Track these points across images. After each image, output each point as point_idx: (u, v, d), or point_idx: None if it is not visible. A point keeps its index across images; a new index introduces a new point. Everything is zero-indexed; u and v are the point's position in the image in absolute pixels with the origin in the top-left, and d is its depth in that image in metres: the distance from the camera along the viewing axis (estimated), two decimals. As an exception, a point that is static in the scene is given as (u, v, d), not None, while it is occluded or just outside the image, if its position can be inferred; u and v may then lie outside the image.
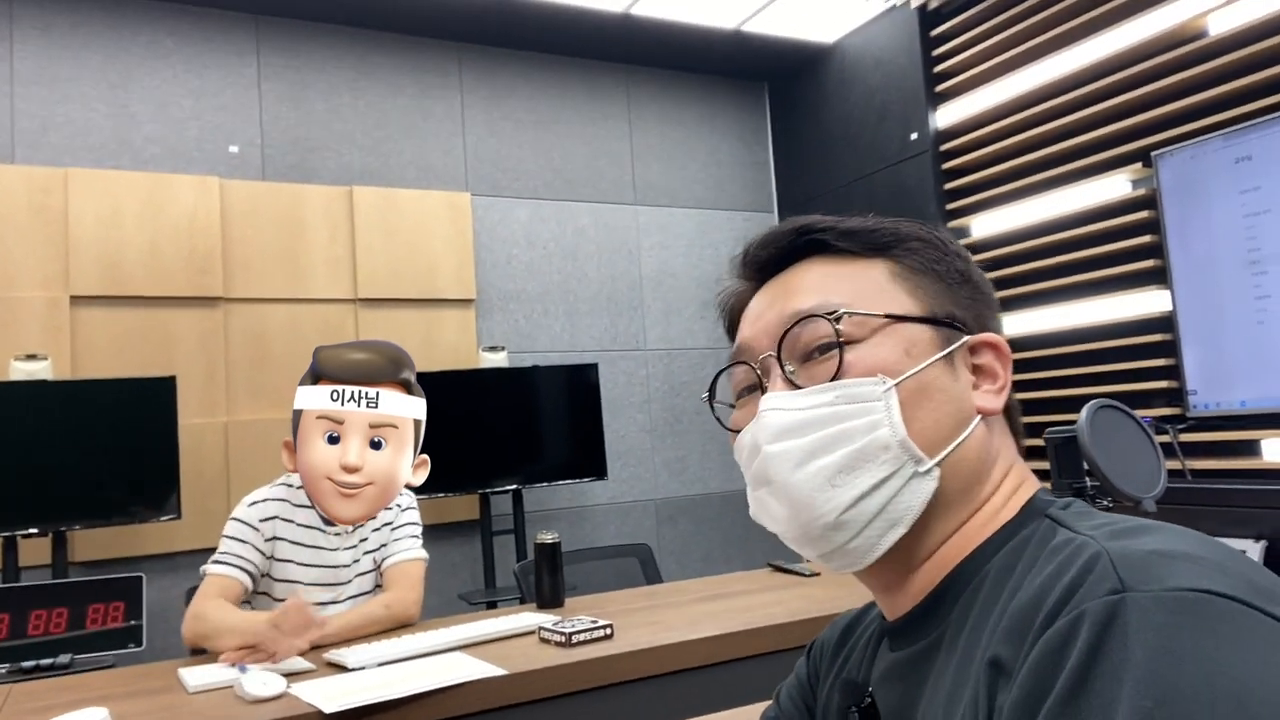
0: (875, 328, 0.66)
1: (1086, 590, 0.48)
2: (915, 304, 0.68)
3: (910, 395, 0.64)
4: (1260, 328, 2.77)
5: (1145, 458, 1.33)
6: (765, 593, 2.09)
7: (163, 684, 1.60)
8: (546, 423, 3.84)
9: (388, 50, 3.91)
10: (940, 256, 0.70)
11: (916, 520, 0.63)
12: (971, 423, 0.66)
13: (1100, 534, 0.54)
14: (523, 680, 1.54)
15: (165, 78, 3.52)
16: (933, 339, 0.67)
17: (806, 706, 0.83)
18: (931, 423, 0.64)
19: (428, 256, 3.82)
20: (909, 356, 0.65)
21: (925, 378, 0.65)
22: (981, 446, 0.66)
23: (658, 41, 4.16)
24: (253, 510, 1.93)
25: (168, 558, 3.33)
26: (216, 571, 1.86)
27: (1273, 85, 2.76)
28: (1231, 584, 0.46)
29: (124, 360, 3.28)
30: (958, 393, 0.66)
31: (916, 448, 0.63)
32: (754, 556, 4.38)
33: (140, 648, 3.03)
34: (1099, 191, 3.22)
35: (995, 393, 0.68)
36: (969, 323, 0.69)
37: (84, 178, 3.29)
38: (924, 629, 0.65)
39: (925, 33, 3.84)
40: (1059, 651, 0.47)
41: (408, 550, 2.02)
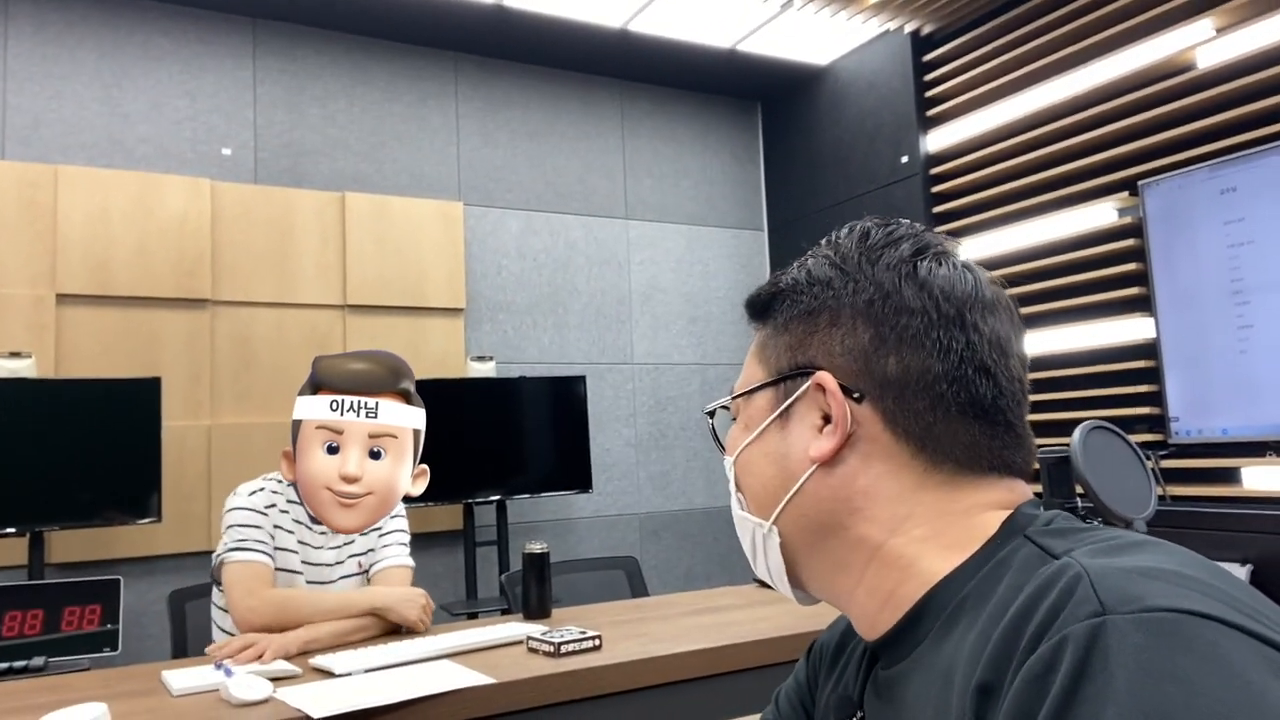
0: (739, 408, 0.74)
1: (1068, 614, 0.48)
2: (763, 370, 0.72)
3: (744, 466, 0.73)
4: (1243, 357, 2.81)
5: (1136, 479, 1.35)
6: (753, 608, 2.10)
7: (145, 686, 1.58)
8: (532, 434, 3.83)
9: (384, 58, 3.91)
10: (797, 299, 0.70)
11: (796, 565, 0.71)
12: (800, 476, 0.67)
13: (1081, 553, 0.54)
14: (511, 689, 1.53)
15: (160, 78, 3.51)
16: (769, 401, 0.71)
17: (805, 709, 0.83)
18: (759, 487, 0.71)
19: (418, 264, 3.81)
20: (746, 429, 0.73)
21: (756, 446, 0.71)
22: (828, 493, 0.66)
23: (653, 58, 4.19)
24: (255, 499, 1.91)
25: (146, 561, 3.29)
26: (243, 559, 1.82)
27: (1259, 119, 2.81)
28: (1211, 603, 0.46)
29: (109, 360, 3.26)
30: (783, 450, 0.69)
31: (749, 515, 0.72)
32: (737, 573, 4.38)
33: (116, 652, 2.99)
34: (1086, 219, 3.27)
35: (830, 433, 0.65)
36: (818, 362, 0.67)
37: (74, 175, 3.27)
38: (902, 649, 0.65)
39: (918, 57, 3.89)
40: (1043, 678, 0.47)
41: (396, 557, 2.01)
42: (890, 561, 0.65)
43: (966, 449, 0.64)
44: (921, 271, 0.67)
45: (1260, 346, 2.77)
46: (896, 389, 0.64)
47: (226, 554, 1.84)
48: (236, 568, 1.82)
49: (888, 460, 0.65)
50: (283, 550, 1.92)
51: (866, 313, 0.66)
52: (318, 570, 1.94)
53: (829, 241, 0.72)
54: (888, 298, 0.65)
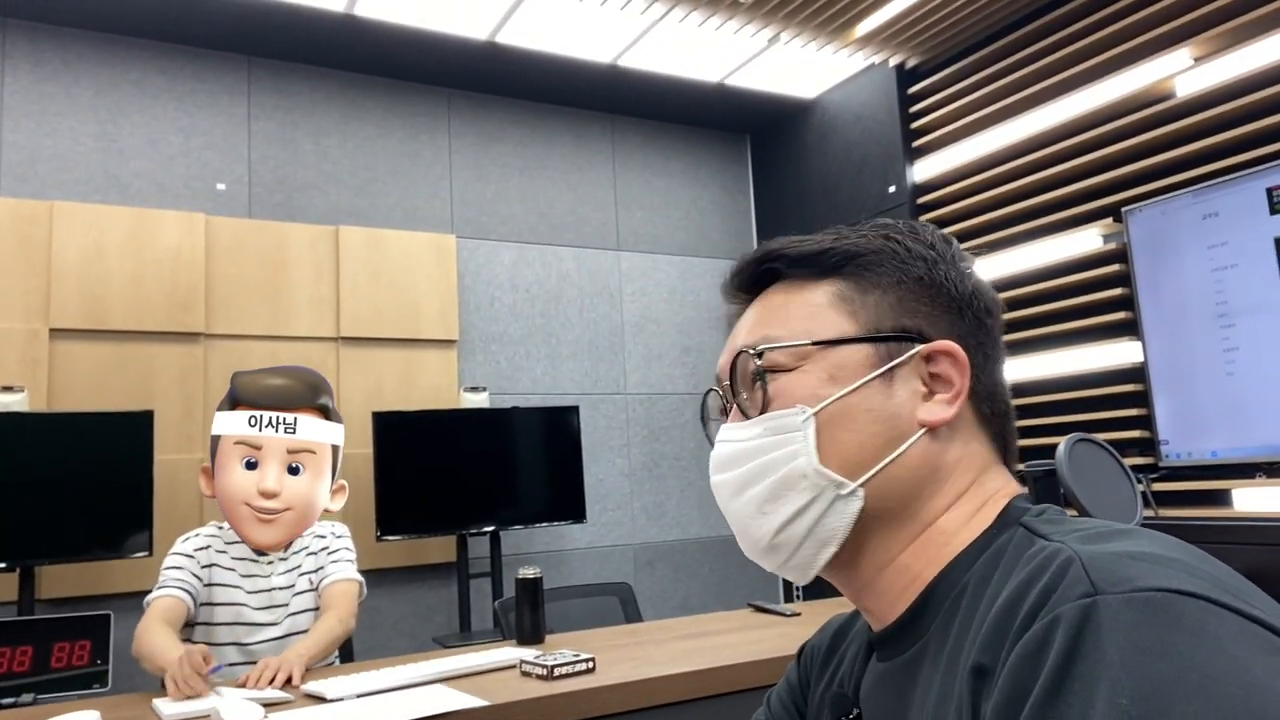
0: (803, 356, 0.69)
1: (1060, 595, 0.50)
2: (853, 324, 0.69)
3: (832, 420, 0.67)
4: (1230, 379, 2.83)
5: (1121, 489, 1.36)
6: (746, 631, 2.09)
7: (135, 714, 1.57)
8: (526, 465, 3.83)
9: (378, 94, 3.97)
10: (901, 265, 0.70)
11: (848, 538, 0.67)
12: (908, 439, 0.66)
13: (1072, 539, 0.55)
14: (504, 712, 1.53)
15: (155, 114, 3.55)
16: (868, 358, 0.68)
17: (797, 710, 0.84)
18: (855, 445, 0.66)
19: (411, 297, 3.84)
20: (833, 382, 0.68)
21: (850, 401, 0.67)
22: (925, 461, 0.67)
23: (643, 92, 4.25)
24: (186, 544, 1.98)
25: (137, 596, 3.25)
26: (156, 595, 1.90)
27: (1238, 145, 2.87)
28: (1199, 583, 0.48)
29: (102, 394, 3.26)
30: (891, 410, 0.67)
31: (832, 473, 0.66)
32: (732, 602, 4.36)
33: (105, 689, 2.96)
34: (1071, 245, 3.31)
35: (947, 402, 0.67)
36: (924, 331, 0.69)
37: (69, 210, 3.29)
38: (908, 640, 0.66)
39: (903, 90, 3.96)
40: (1035, 655, 0.48)
41: (344, 571, 2.05)
42: (934, 536, 0.66)
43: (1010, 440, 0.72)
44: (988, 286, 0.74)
45: (1246, 369, 2.79)
46: (984, 375, 0.70)
47: (150, 597, 1.92)
48: (151, 605, 1.90)
49: (970, 438, 0.69)
50: (222, 586, 1.96)
51: (966, 302, 0.71)
52: (270, 595, 1.96)
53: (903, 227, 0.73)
54: (978, 296, 0.71)
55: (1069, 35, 3.32)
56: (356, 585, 2.06)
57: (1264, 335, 2.74)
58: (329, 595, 2.01)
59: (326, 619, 1.95)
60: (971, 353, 0.68)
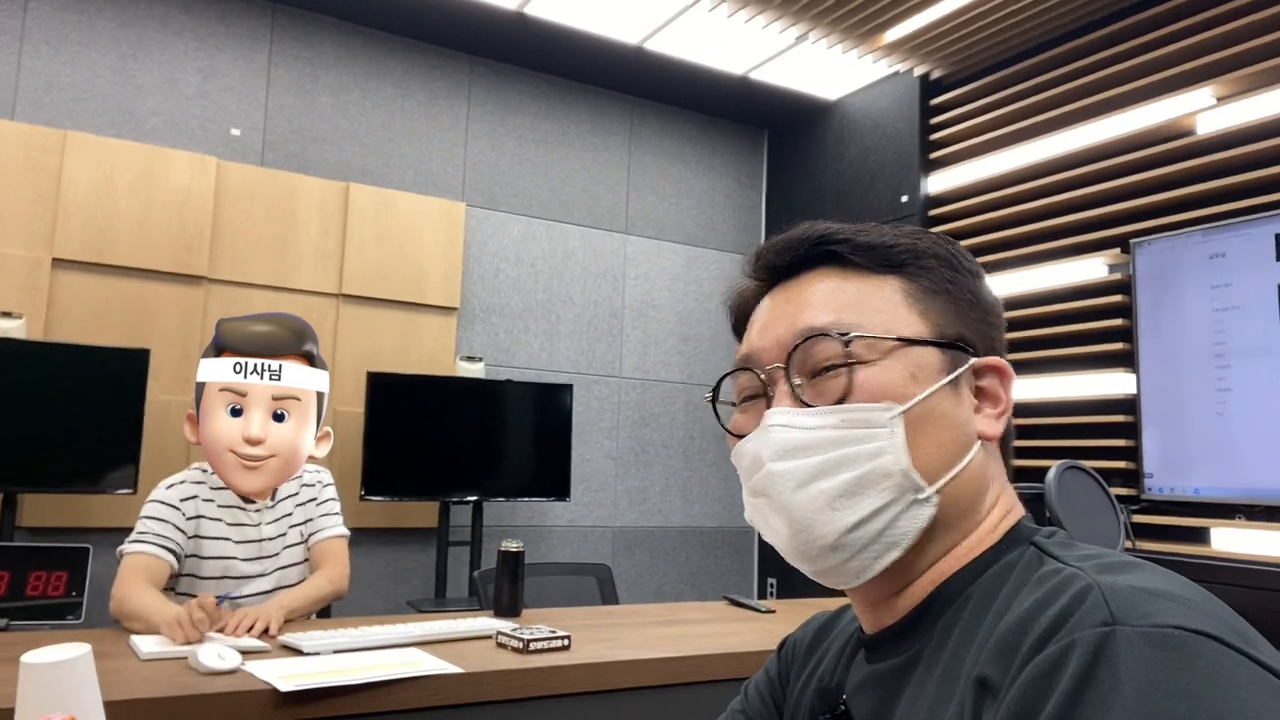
0: (885, 350, 0.66)
1: (1078, 620, 0.50)
2: (925, 326, 0.68)
3: (915, 421, 0.65)
4: (1220, 419, 2.86)
5: (1106, 519, 1.38)
6: (721, 623, 2.11)
7: (112, 649, 1.59)
8: (514, 438, 3.84)
9: (400, 54, 3.95)
10: (954, 275, 0.70)
11: (913, 544, 0.65)
12: (972, 449, 0.66)
13: (1089, 567, 0.56)
14: (477, 680, 1.54)
15: (175, 53, 3.53)
16: (939, 362, 0.67)
17: (774, 703, 0.85)
18: (935, 449, 0.65)
19: (417, 261, 3.83)
20: (915, 381, 0.65)
21: (930, 403, 0.65)
22: (979, 472, 0.67)
23: (666, 78, 4.24)
24: (170, 492, 1.93)
25: (117, 533, 3.26)
26: (137, 550, 1.84)
27: (1252, 188, 2.88)
28: (1213, 625, 0.49)
29: (100, 328, 3.25)
30: (960, 418, 0.67)
31: (918, 476, 0.64)
32: (705, 593, 4.39)
33: (79, 621, 2.97)
34: (1077, 272, 3.32)
35: (996, 417, 0.69)
36: (976, 344, 0.69)
37: (82, 141, 3.28)
38: (904, 644, 0.67)
39: (925, 100, 3.95)
40: (1049, 677, 0.49)
41: (334, 527, 2.06)
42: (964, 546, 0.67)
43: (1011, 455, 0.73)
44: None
45: (1237, 410, 2.82)
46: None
47: (126, 545, 1.87)
48: (127, 559, 1.85)
49: (997, 454, 0.70)
50: (208, 539, 1.93)
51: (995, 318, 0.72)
52: (260, 546, 1.96)
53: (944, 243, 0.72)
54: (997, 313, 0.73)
55: (1095, 63, 3.32)
56: (344, 541, 2.07)
57: (1258, 379, 2.76)
58: (320, 552, 2.01)
59: (316, 577, 1.95)
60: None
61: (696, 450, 4.51)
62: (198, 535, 1.93)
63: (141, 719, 1.29)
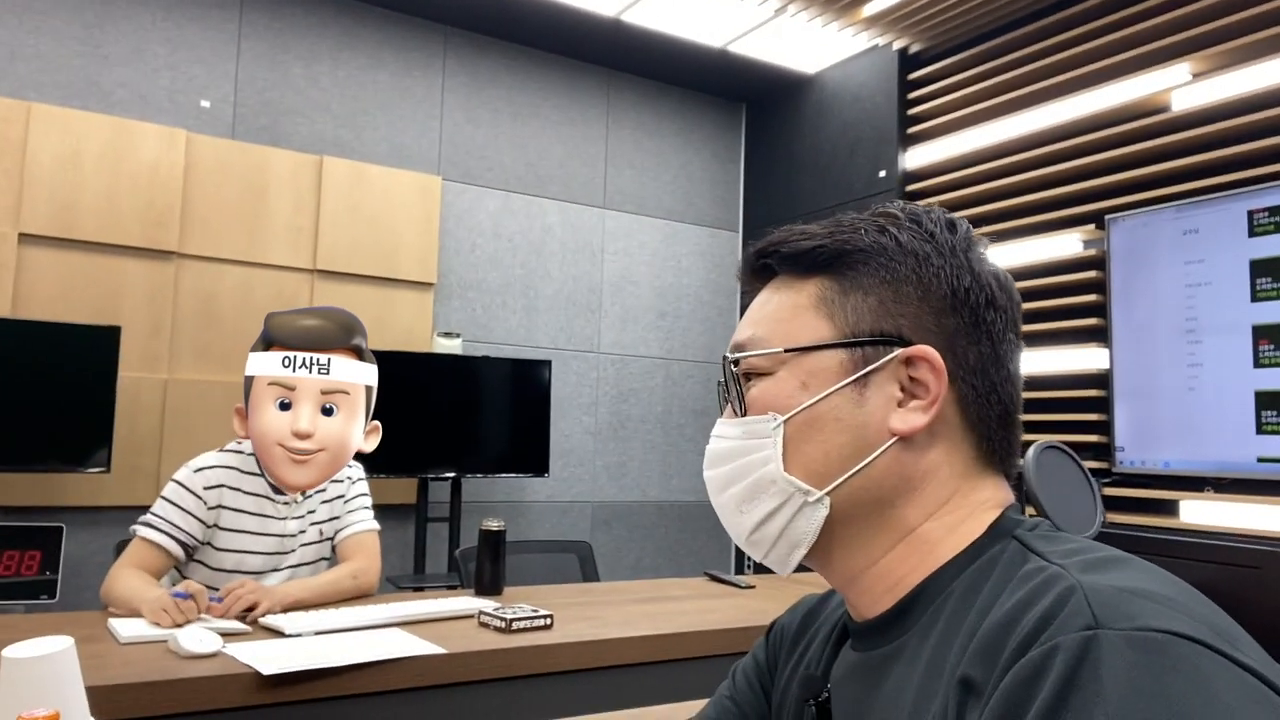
0: (781, 360, 0.69)
1: (1061, 623, 0.50)
2: (830, 328, 0.68)
3: (799, 429, 0.67)
4: (1190, 394, 2.90)
5: (1083, 498, 1.40)
6: (702, 599, 2.13)
7: (90, 632, 1.57)
8: (492, 414, 3.83)
9: (373, 24, 3.88)
10: (884, 263, 0.69)
11: (821, 539, 0.68)
12: (877, 449, 0.66)
13: (1072, 564, 0.56)
14: (460, 660, 1.55)
15: (143, 23, 3.44)
16: (842, 364, 0.67)
17: (763, 688, 0.85)
18: (820, 455, 0.67)
19: (392, 235, 3.79)
20: (804, 389, 0.68)
21: (820, 409, 0.67)
22: (894, 470, 0.66)
23: (644, 50, 4.20)
24: (198, 477, 1.88)
25: (91, 511, 3.24)
26: (146, 536, 1.82)
27: (1226, 164, 2.90)
28: (1197, 627, 0.49)
29: (68, 305, 3.20)
30: (861, 419, 0.66)
31: (799, 481, 0.67)
32: (684, 567, 4.43)
33: (53, 600, 2.95)
34: (1052, 248, 3.34)
35: (922, 409, 0.66)
36: (904, 334, 0.67)
37: (47, 114, 3.20)
38: (887, 636, 0.67)
39: (903, 75, 3.95)
40: (1032, 681, 0.49)
41: (364, 522, 2.02)
42: (916, 545, 0.67)
43: (1000, 445, 0.69)
44: (1002, 272, 0.72)
45: (1207, 385, 2.86)
46: (975, 378, 0.68)
47: (139, 524, 1.84)
48: (134, 543, 1.83)
49: (951, 445, 0.68)
50: (227, 530, 1.89)
51: (961, 298, 0.68)
52: (279, 541, 1.93)
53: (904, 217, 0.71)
54: (981, 289, 0.69)
55: (1072, 38, 3.32)
56: (375, 535, 2.03)
57: (1229, 354, 2.80)
58: (349, 547, 1.98)
59: (339, 569, 1.91)
60: (960, 354, 0.67)
61: (675, 425, 4.52)
62: (217, 525, 1.89)
63: (122, 704, 1.28)
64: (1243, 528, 2.69)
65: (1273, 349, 2.70)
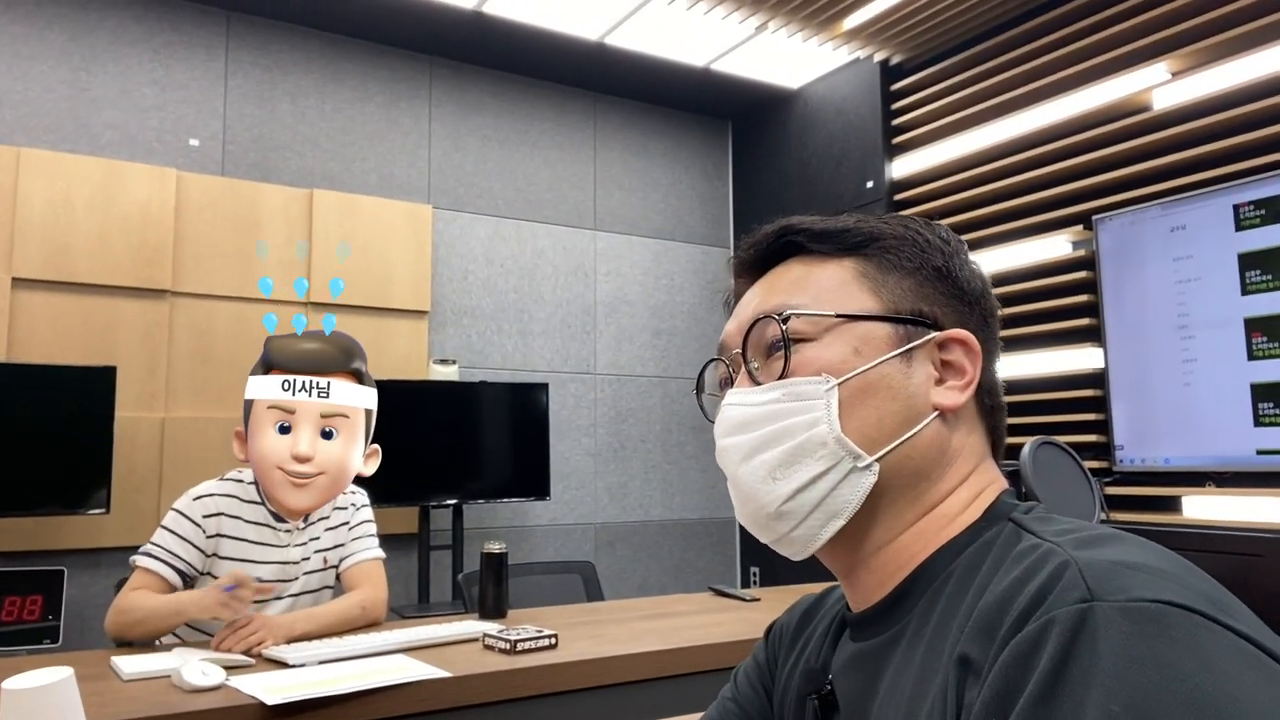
0: (827, 327, 0.70)
1: (1056, 597, 0.51)
2: (876, 302, 0.70)
3: (853, 393, 0.68)
4: (1186, 389, 2.91)
5: (1081, 494, 1.40)
6: (706, 614, 2.12)
7: (93, 671, 1.56)
8: (492, 440, 3.83)
9: (358, 57, 3.91)
10: (916, 253, 0.72)
11: (857, 512, 0.67)
12: (923, 420, 0.68)
13: (1066, 541, 0.56)
14: (466, 684, 1.54)
15: (130, 64, 3.47)
16: (890, 336, 0.69)
17: (764, 688, 0.85)
18: (874, 420, 0.67)
19: (384, 265, 3.80)
20: (858, 355, 0.68)
21: (872, 376, 0.68)
22: (934, 444, 0.68)
23: (628, 72, 4.24)
24: (197, 505, 1.88)
25: (91, 553, 3.23)
26: (146, 565, 1.81)
27: (1210, 160, 2.93)
28: (1190, 596, 0.49)
29: (63, 347, 3.20)
30: (910, 390, 0.68)
31: (853, 444, 0.66)
32: (690, 585, 4.41)
33: (56, 644, 2.93)
34: (1041, 250, 3.36)
35: (959, 389, 0.69)
36: (939, 319, 0.71)
37: (37, 159, 3.22)
38: (887, 623, 0.67)
39: (886, 86, 3.98)
40: (1029, 655, 0.49)
41: (369, 550, 2.02)
42: (933, 521, 0.68)
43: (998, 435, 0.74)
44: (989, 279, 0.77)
45: (1203, 380, 2.87)
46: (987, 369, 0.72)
47: (139, 554, 1.84)
48: (135, 574, 1.83)
49: (971, 427, 0.71)
50: (227, 559, 1.88)
51: (976, 298, 0.73)
52: (282, 569, 1.92)
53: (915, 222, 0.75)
54: (986, 295, 0.74)
55: (1052, 42, 3.36)
56: (380, 564, 2.02)
57: (1222, 348, 2.81)
58: (354, 576, 1.97)
59: (347, 599, 1.90)
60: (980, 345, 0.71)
61: (675, 443, 4.52)
62: (216, 554, 1.88)
63: (127, 740, 1.28)
64: (1245, 520, 2.69)
65: (1266, 341, 2.71)
